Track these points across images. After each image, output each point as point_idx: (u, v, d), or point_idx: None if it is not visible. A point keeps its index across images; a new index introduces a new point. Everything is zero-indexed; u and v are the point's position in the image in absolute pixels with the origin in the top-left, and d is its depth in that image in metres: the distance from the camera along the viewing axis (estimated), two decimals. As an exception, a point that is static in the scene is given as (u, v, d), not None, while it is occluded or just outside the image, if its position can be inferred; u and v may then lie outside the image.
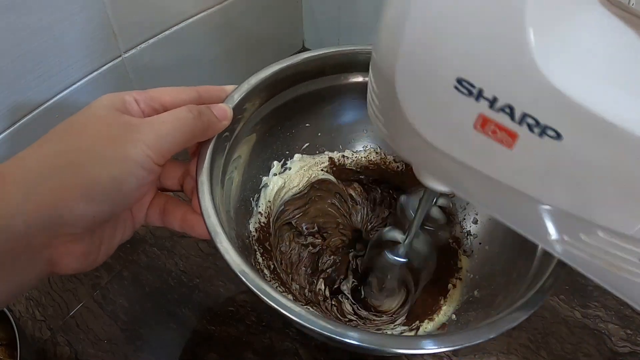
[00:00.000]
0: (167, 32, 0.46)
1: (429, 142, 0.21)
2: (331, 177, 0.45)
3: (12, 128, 0.38)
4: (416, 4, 0.18)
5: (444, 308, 0.37)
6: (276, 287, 0.36)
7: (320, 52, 0.38)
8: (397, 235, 0.37)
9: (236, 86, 0.34)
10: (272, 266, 0.39)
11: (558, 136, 0.17)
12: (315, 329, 0.24)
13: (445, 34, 0.18)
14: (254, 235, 0.39)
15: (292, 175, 0.44)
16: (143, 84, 0.47)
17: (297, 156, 0.44)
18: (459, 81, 0.18)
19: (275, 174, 0.42)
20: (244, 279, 0.26)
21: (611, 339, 0.39)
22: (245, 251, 0.36)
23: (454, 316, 0.36)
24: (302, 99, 0.40)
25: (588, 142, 0.17)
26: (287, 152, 0.43)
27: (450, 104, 0.19)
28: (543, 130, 0.17)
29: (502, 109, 0.18)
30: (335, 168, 0.46)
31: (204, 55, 0.52)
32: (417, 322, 0.37)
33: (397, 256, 0.36)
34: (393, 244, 0.36)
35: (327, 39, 0.66)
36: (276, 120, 0.40)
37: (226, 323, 0.40)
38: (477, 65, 0.17)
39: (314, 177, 0.45)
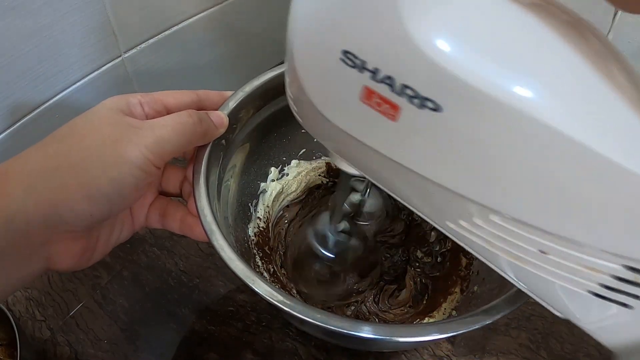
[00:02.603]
0: (167, 32, 0.46)
1: (326, 116, 0.22)
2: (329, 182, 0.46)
3: (12, 128, 0.38)
4: None
5: (444, 305, 0.37)
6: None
7: None
8: (325, 225, 0.38)
9: (233, 92, 0.34)
10: (272, 269, 0.39)
11: (437, 108, 0.17)
12: (309, 319, 0.25)
13: (329, 8, 0.18)
14: (253, 240, 0.39)
15: (290, 181, 0.44)
16: (143, 83, 0.47)
17: (294, 162, 0.44)
18: (344, 53, 0.18)
19: (273, 180, 0.43)
20: (243, 278, 0.26)
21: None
22: (244, 255, 0.36)
23: (454, 312, 0.36)
24: None
25: (466, 114, 0.17)
26: (284, 158, 0.43)
27: (338, 76, 0.19)
28: (422, 102, 0.17)
29: (383, 81, 0.18)
30: (333, 173, 0.46)
31: (204, 55, 0.52)
32: (418, 320, 0.37)
33: (322, 247, 0.38)
34: (321, 233, 0.38)
35: (327, 39, 0.66)
36: (272, 126, 0.40)
37: (226, 323, 0.40)
38: (357, 38, 0.18)
39: (312, 182, 0.45)
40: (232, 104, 0.33)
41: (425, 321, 0.36)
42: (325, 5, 0.19)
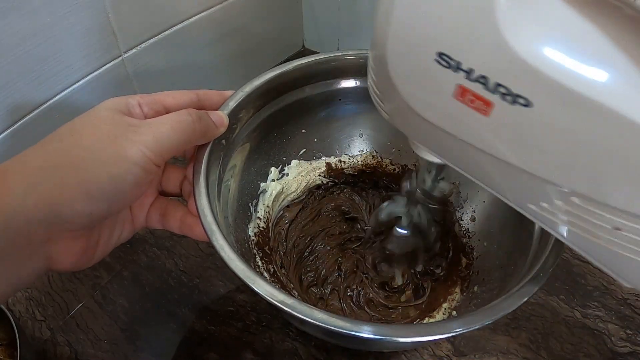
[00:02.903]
0: (167, 32, 0.46)
1: (417, 112, 0.23)
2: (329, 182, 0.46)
3: (12, 128, 0.38)
4: None
5: (444, 305, 0.37)
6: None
7: (312, 59, 0.39)
8: (396, 209, 0.39)
9: (234, 91, 0.34)
10: (272, 269, 0.39)
11: (528, 104, 0.19)
12: (310, 319, 0.25)
13: (426, 13, 0.20)
14: (253, 240, 0.39)
15: (290, 181, 0.44)
16: (143, 83, 0.47)
17: (294, 162, 0.44)
18: (440, 55, 0.20)
19: (273, 180, 0.43)
20: (243, 278, 0.26)
21: (611, 339, 0.39)
22: (244, 255, 0.36)
23: (454, 312, 0.36)
24: (297, 105, 0.40)
25: (555, 109, 0.18)
26: (284, 159, 0.44)
27: (433, 76, 0.21)
28: (515, 99, 0.19)
29: (477, 80, 0.19)
30: (333, 173, 0.46)
31: (204, 55, 0.52)
32: (418, 320, 0.37)
33: (400, 228, 0.38)
34: (395, 220, 0.39)
35: (327, 39, 0.66)
36: (272, 126, 0.40)
37: (226, 323, 0.40)
38: (454, 40, 0.19)
39: (312, 182, 0.45)
40: (232, 104, 0.33)
41: (425, 321, 0.36)
42: (421, 9, 0.20)
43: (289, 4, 0.62)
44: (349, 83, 0.41)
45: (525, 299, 0.26)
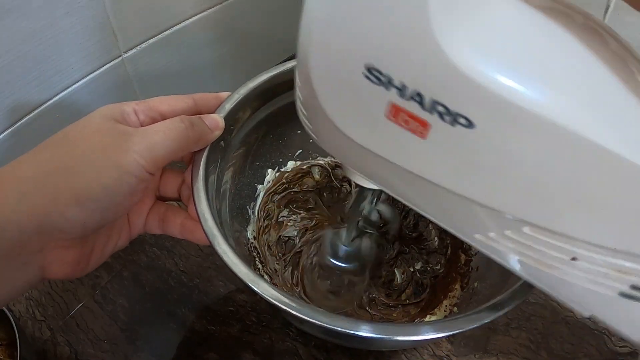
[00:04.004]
0: (167, 32, 0.46)
1: (346, 134, 0.21)
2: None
3: (12, 128, 0.38)
4: None
5: (445, 302, 0.37)
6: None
7: None
8: (337, 236, 0.38)
9: (230, 93, 0.34)
10: (272, 270, 0.39)
11: (470, 124, 0.17)
12: (313, 320, 0.25)
13: (351, 19, 0.17)
14: (252, 242, 0.39)
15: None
16: (143, 83, 0.47)
17: (290, 163, 0.44)
18: (369, 69, 0.18)
19: (270, 182, 0.43)
20: (247, 282, 0.26)
21: (611, 339, 0.39)
22: (245, 258, 0.36)
23: (455, 309, 0.36)
24: (292, 106, 0.40)
25: (500, 129, 0.16)
26: (281, 160, 0.44)
27: (362, 93, 0.18)
28: (454, 119, 0.17)
29: (412, 97, 0.17)
30: (329, 174, 0.46)
31: (204, 55, 0.52)
32: (419, 318, 0.37)
33: (335, 258, 0.38)
34: (334, 245, 0.38)
35: (327, 39, 0.66)
36: (268, 128, 0.40)
37: (226, 323, 0.40)
38: (384, 52, 0.17)
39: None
40: (228, 106, 0.33)
41: (426, 319, 0.36)
42: (345, 18, 0.17)
43: (289, 4, 0.62)
44: None
45: (525, 297, 0.26)
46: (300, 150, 0.44)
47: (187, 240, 0.31)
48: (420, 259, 0.42)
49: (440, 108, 0.17)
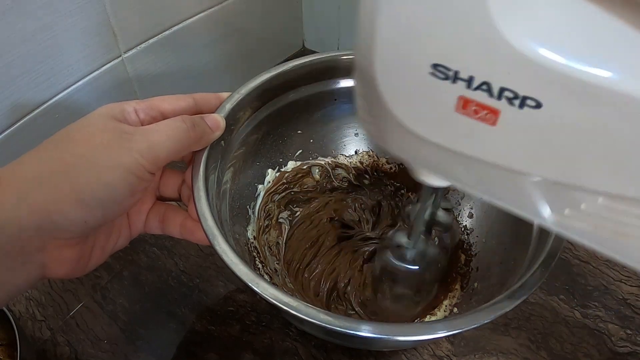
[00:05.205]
0: (167, 33, 0.46)
1: (415, 132, 0.21)
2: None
3: (12, 128, 0.38)
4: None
5: (445, 302, 0.37)
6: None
7: (307, 60, 0.39)
8: (402, 239, 0.36)
9: (230, 93, 0.34)
10: (272, 270, 0.39)
11: (538, 105, 0.17)
12: (315, 321, 0.25)
13: (415, 21, 0.18)
14: (252, 242, 0.39)
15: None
16: (143, 83, 0.47)
17: (290, 163, 0.44)
18: (434, 66, 0.18)
19: (270, 182, 0.43)
20: (247, 282, 0.26)
21: (611, 339, 0.39)
22: (245, 258, 0.36)
23: (455, 309, 0.36)
24: (293, 105, 0.41)
25: (567, 106, 0.17)
26: (281, 160, 0.44)
27: (430, 91, 0.19)
28: (522, 102, 0.17)
29: (479, 87, 0.18)
30: (329, 174, 0.46)
31: (204, 55, 0.52)
32: (419, 318, 0.37)
33: (402, 262, 0.35)
34: (399, 249, 0.35)
35: (327, 39, 0.66)
36: (268, 128, 0.40)
37: (226, 323, 0.40)
38: (448, 48, 0.18)
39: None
40: (228, 106, 0.33)
41: (426, 319, 0.36)
42: (407, 20, 0.18)
43: (289, 3, 0.62)
44: (344, 83, 0.41)
45: (525, 296, 0.26)
46: (301, 150, 0.44)
47: (187, 240, 0.31)
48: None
49: (507, 93, 0.17)
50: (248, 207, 0.40)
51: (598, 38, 0.16)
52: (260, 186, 0.42)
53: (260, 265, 0.38)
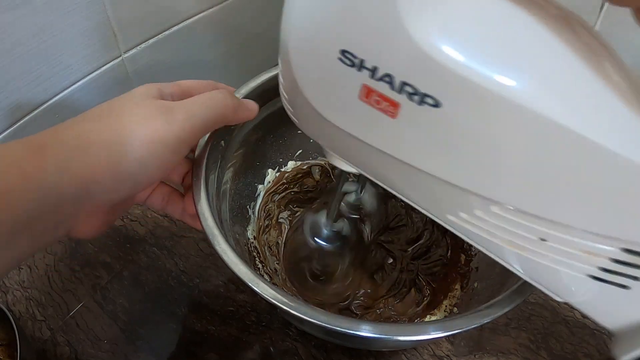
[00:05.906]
0: (167, 32, 0.46)
1: (324, 116, 0.22)
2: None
3: (12, 128, 0.38)
4: None
5: (445, 302, 0.37)
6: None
7: None
8: (322, 218, 0.39)
9: (234, 89, 0.34)
10: (272, 270, 0.39)
11: (437, 103, 0.18)
12: (314, 320, 0.25)
13: (328, 5, 0.18)
14: (252, 242, 0.39)
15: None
16: (143, 83, 0.47)
17: (290, 163, 0.44)
18: (343, 52, 0.19)
19: (270, 182, 0.43)
20: (247, 282, 0.26)
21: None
22: (245, 257, 0.36)
23: (455, 309, 0.36)
24: None
25: (465, 108, 0.17)
26: (281, 160, 0.44)
27: (337, 76, 0.20)
28: (422, 98, 0.18)
29: (382, 79, 0.18)
30: (329, 174, 0.46)
31: (204, 55, 0.52)
32: (420, 318, 0.37)
33: (320, 239, 0.38)
34: (317, 228, 0.39)
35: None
36: (268, 128, 0.40)
37: (226, 323, 0.40)
38: (356, 37, 0.18)
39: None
40: None
41: (426, 319, 0.36)
42: (321, 5, 0.19)
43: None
44: None
45: (525, 296, 0.26)
46: (301, 150, 0.44)
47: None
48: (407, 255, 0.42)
49: (408, 88, 0.18)
50: (248, 207, 0.41)
51: (515, 42, 0.16)
52: (260, 186, 0.42)
53: (260, 265, 0.38)
